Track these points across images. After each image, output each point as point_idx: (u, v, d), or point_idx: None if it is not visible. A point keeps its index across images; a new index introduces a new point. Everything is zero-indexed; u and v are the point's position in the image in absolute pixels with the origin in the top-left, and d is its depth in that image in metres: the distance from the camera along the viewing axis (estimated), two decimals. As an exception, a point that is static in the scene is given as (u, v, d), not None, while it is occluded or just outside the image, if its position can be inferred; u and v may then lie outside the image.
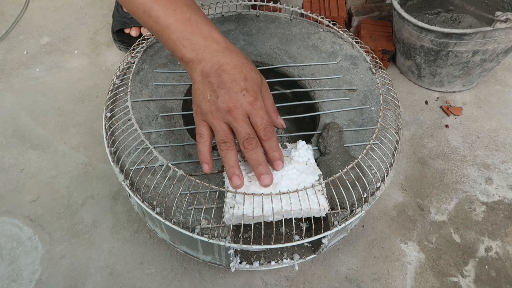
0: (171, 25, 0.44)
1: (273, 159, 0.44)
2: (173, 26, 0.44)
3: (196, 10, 0.46)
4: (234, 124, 0.42)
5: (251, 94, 0.42)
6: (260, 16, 0.70)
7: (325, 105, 0.58)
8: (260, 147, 0.43)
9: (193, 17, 0.45)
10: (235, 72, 0.43)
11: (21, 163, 0.76)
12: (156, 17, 0.45)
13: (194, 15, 0.45)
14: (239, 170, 0.43)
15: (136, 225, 0.69)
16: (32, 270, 0.64)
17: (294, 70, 0.63)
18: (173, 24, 0.44)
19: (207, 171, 0.44)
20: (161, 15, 0.44)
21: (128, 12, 0.48)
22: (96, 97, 0.88)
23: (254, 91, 0.43)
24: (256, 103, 0.43)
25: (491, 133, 0.86)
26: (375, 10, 1.00)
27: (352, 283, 0.65)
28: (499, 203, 0.76)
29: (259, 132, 0.43)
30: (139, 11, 0.46)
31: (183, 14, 0.45)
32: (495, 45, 0.80)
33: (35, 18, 1.03)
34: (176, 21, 0.44)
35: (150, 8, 0.45)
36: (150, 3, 0.45)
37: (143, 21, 0.46)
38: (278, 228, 0.51)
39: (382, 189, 0.50)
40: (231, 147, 0.43)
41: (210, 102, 0.43)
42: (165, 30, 0.45)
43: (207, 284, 0.64)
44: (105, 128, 0.53)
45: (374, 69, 0.62)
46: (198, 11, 0.46)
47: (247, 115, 0.43)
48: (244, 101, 0.42)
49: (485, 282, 0.66)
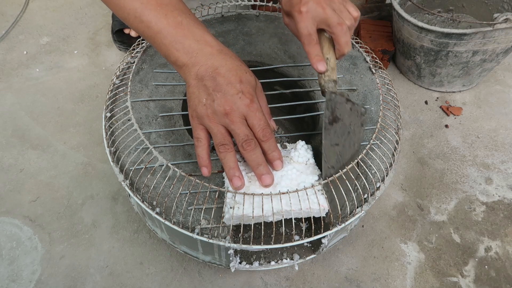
0: (163, 30, 0.44)
1: (273, 159, 0.45)
2: (165, 30, 0.44)
3: (187, 14, 0.46)
4: (232, 127, 0.42)
5: (247, 97, 0.43)
6: (260, 16, 0.70)
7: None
8: (259, 148, 0.44)
9: (185, 21, 0.45)
10: (230, 74, 0.43)
11: (20, 163, 0.76)
12: (147, 22, 0.44)
13: (186, 19, 0.45)
14: (239, 171, 0.43)
15: (136, 225, 0.69)
16: (32, 270, 0.64)
17: (294, 70, 0.63)
18: (165, 29, 0.44)
19: (206, 175, 0.44)
20: (152, 19, 0.44)
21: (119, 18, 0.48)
22: (96, 97, 0.88)
23: (250, 93, 0.43)
24: (253, 105, 0.43)
25: (490, 133, 0.86)
26: (375, 10, 1.00)
27: (352, 283, 0.65)
28: (499, 203, 0.76)
29: (257, 134, 0.43)
30: (130, 17, 0.45)
31: (174, 18, 0.44)
32: (495, 45, 0.80)
33: (35, 18, 1.03)
34: (168, 26, 0.44)
35: (141, 13, 0.44)
36: (140, 9, 0.44)
37: (135, 26, 0.46)
38: (278, 228, 0.51)
39: (382, 189, 0.50)
40: (229, 149, 0.43)
41: (206, 105, 0.43)
42: (157, 35, 0.44)
43: (207, 284, 0.64)
44: (105, 128, 0.53)
45: (374, 69, 0.62)
46: (190, 14, 0.46)
47: (244, 117, 0.43)
48: (240, 103, 0.42)
49: (485, 282, 0.66)
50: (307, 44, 0.46)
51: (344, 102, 0.46)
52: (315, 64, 0.46)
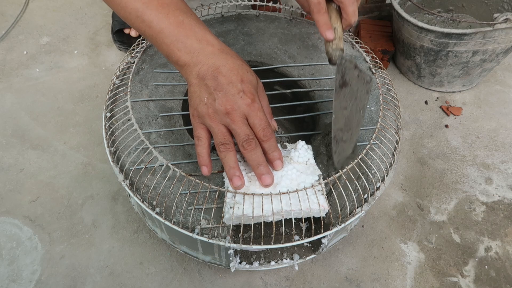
0: (165, 29, 0.44)
1: (273, 159, 0.45)
2: (166, 30, 0.44)
3: (189, 13, 0.46)
4: (232, 126, 0.42)
5: (249, 96, 0.43)
6: (260, 16, 0.70)
7: (325, 105, 0.58)
8: (259, 148, 0.44)
9: (186, 20, 0.45)
10: (232, 74, 0.43)
11: (20, 163, 0.76)
12: (149, 21, 0.45)
13: (187, 18, 0.45)
14: (239, 171, 0.43)
15: (136, 225, 0.69)
16: (32, 270, 0.64)
17: (294, 70, 0.63)
18: (166, 28, 0.44)
19: (206, 174, 0.44)
20: (153, 19, 0.44)
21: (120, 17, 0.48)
22: (96, 97, 0.88)
23: (251, 92, 0.43)
24: (254, 104, 0.43)
25: (490, 133, 0.86)
26: (375, 10, 1.00)
27: (352, 283, 0.65)
28: (499, 203, 0.76)
29: (258, 133, 0.43)
30: (132, 16, 0.45)
31: (176, 18, 0.44)
32: (495, 45, 0.80)
33: (34, 18, 1.03)
34: (169, 25, 0.44)
35: (143, 13, 0.45)
36: (142, 8, 0.44)
37: (136, 26, 0.46)
38: (278, 228, 0.51)
39: (382, 189, 0.50)
40: (230, 149, 0.43)
41: (207, 105, 0.43)
42: (158, 34, 0.45)
43: (207, 284, 0.64)
44: (105, 128, 0.53)
45: (374, 69, 0.62)
46: (191, 14, 0.46)
47: (245, 116, 0.43)
48: (241, 103, 0.42)
49: (485, 282, 0.66)
50: (316, 12, 0.47)
51: (353, 68, 0.47)
52: (324, 32, 0.47)
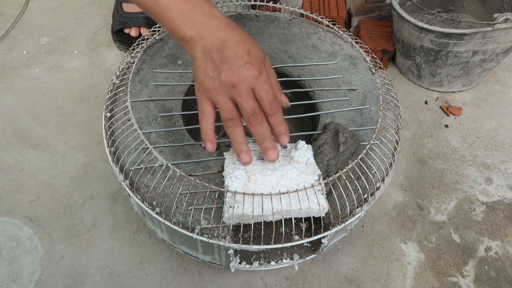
0: (171, 4, 0.43)
1: (279, 133, 0.44)
2: (172, 4, 0.43)
3: None
4: (238, 99, 0.41)
5: (256, 67, 0.41)
6: (260, 16, 0.70)
7: (325, 105, 0.58)
8: (265, 122, 0.43)
9: None
10: (238, 47, 0.42)
11: (20, 163, 0.76)
12: None
13: None
14: (247, 146, 0.43)
15: (136, 225, 0.69)
16: (32, 270, 0.64)
17: (294, 70, 0.63)
18: (173, 3, 0.43)
19: (210, 150, 0.43)
20: None
21: None
22: (96, 97, 0.88)
23: (258, 64, 0.42)
24: (261, 77, 0.42)
25: (490, 133, 0.86)
26: (375, 10, 1.00)
27: (352, 283, 0.65)
28: (499, 203, 0.76)
29: (264, 107, 0.42)
30: None
31: None
32: (495, 45, 0.80)
33: (34, 18, 1.03)
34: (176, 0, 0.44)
35: None
36: None
37: (141, 2, 0.45)
38: (278, 228, 0.51)
39: (382, 189, 0.50)
40: (237, 124, 0.42)
41: (213, 78, 0.42)
42: (164, 9, 0.44)
43: (206, 284, 0.64)
44: (105, 128, 0.53)
45: (373, 69, 0.62)
46: None
47: (252, 89, 0.42)
48: (248, 75, 0.41)
49: (485, 282, 0.66)
50: None
51: None
52: None
